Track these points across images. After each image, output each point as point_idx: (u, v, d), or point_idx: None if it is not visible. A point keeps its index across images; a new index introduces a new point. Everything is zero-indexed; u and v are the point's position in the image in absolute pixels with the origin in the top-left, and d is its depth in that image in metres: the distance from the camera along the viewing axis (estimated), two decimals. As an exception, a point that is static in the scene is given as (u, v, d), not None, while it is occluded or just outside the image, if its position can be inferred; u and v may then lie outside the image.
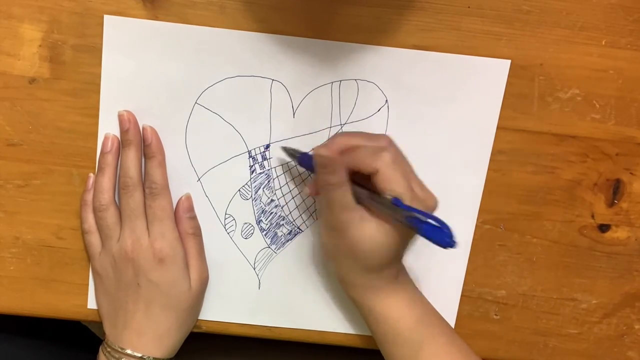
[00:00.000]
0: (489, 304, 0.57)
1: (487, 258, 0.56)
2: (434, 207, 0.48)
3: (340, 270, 0.51)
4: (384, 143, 0.48)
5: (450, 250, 0.55)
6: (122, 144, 0.52)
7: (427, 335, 0.50)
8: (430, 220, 0.43)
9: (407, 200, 0.46)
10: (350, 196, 0.47)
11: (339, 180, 0.47)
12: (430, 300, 0.52)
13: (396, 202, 0.45)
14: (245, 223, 0.54)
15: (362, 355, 0.59)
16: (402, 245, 0.49)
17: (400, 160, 0.48)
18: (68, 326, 0.59)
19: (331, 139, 0.50)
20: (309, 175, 0.54)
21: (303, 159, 0.51)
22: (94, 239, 0.53)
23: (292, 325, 0.57)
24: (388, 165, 0.46)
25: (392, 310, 0.50)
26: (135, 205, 0.51)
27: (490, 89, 0.52)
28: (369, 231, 0.47)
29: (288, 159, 0.53)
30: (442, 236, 0.42)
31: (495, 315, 0.57)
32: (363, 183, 0.48)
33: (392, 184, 0.46)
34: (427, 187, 0.49)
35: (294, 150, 0.52)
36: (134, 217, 0.51)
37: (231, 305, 0.56)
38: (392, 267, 0.50)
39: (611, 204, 0.55)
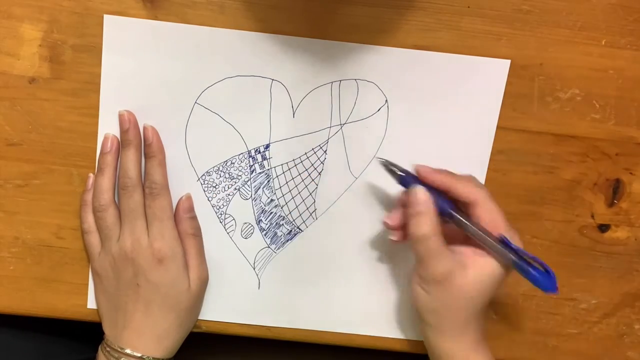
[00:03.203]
0: (489, 304, 0.57)
1: (487, 258, 0.56)
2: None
3: (437, 318, 0.49)
4: (472, 178, 0.49)
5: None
6: (121, 144, 0.52)
7: None
8: (535, 264, 0.43)
9: (510, 239, 0.45)
10: (442, 245, 0.46)
11: (430, 231, 0.46)
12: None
13: (505, 241, 0.45)
14: (245, 223, 0.54)
15: (361, 355, 0.59)
16: (500, 284, 0.48)
17: (494, 199, 0.47)
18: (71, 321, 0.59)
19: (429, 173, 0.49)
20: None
21: (406, 180, 0.48)
22: (94, 239, 0.53)
23: (292, 325, 0.57)
24: (488, 199, 0.46)
25: None
26: (135, 205, 0.51)
27: (490, 89, 0.52)
28: (473, 278, 0.47)
29: (386, 174, 0.50)
30: (548, 282, 0.42)
31: (495, 315, 0.57)
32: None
33: (495, 220, 0.46)
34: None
35: (394, 165, 0.49)
36: (133, 217, 0.51)
37: (231, 305, 0.56)
38: (484, 312, 0.49)
39: (611, 204, 0.55)
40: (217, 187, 0.54)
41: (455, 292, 0.47)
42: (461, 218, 0.47)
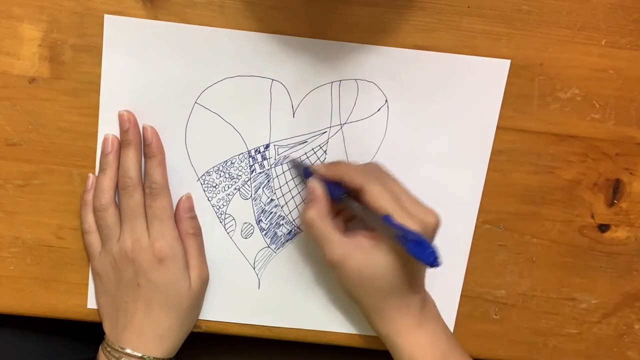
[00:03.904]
0: (489, 304, 0.57)
1: (487, 258, 0.56)
2: (434, 223, 0.47)
3: (359, 302, 0.51)
4: (371, 165, 0.50)
5: (450, 251, 0.55)
6: (121, 144, 0.52)
7: None
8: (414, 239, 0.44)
9: (397, 218, 0.46)
10: (332, 230, 0.48)
11: (313, 216, 0.48)
12: (430, 300, 0.52)
13: (386, 220, 0.46)
14: (245, 223, 0.54)
15: (361, 355, 0.59)
16: (409, 265, 0.48)
17: (386, 179, 0.49)
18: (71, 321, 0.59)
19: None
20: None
21: (309, 174, 0.51)
22: (94, 239, 0.53)
23: (292, 325, 0.57)
24: (373, 182, 0.47)
25: (416, 347, 0.50)
26: (135, 205, 0.51)
27: (490, 89, 0.52)
28: (369, 259, 0.48)
29: (293, 173, 0.53)
30: (427, 255, 0.43)
31: (495, 315, 0.57)
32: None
33: (379, 200, 0.46)
34: (424, 205, 0.48)
35: (299, 165, 0.53)
36: (133, 217, 0.51)
37: (231, 305, 0.56)
38: (409, 294, 0.49)
39: (611, 204, 0.55)
40: (217, 187, 0.54)
41: (353, 275, 0.48)
42: (349, 200, 0.49)
